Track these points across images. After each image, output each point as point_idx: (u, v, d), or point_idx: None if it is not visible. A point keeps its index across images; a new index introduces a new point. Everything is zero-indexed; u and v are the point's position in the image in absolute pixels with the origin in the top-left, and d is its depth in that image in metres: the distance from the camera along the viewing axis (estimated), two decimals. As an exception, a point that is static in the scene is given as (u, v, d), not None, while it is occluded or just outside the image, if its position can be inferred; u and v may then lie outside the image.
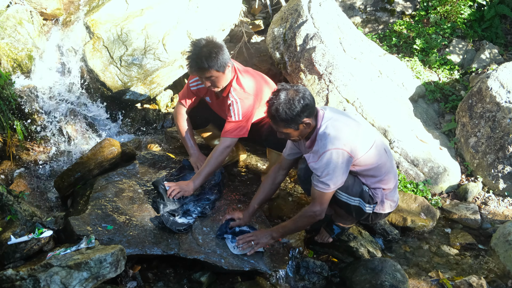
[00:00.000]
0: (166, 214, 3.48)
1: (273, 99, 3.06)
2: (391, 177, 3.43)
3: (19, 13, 4.61)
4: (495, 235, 3.89)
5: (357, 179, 3.36)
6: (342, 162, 3.08)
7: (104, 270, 2.77)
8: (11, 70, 4.44)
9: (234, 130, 3.67)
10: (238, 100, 3.64)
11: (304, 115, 3.04)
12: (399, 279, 3.35)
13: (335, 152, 3.05)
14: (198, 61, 3.45)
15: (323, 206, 3.19)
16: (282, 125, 3.10)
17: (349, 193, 3.32)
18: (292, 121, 3.05)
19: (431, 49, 5.85)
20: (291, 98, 3.01)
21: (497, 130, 4.61)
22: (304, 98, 3.04)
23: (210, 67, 3.45)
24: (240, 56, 5.87)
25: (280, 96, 3.03)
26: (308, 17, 4.94)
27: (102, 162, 3.85)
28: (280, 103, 3.02)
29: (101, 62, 4.66)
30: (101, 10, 4.74)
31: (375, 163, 3.29)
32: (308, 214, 3.23)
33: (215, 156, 3.69)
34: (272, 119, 3.12)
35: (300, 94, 3.04)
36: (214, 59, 3.44)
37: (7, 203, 3.26)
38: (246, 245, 3.36)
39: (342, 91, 4.63)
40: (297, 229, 3.46)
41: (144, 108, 5.40)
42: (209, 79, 3.54)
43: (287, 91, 3.05)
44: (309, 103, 3.05)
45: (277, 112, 3.03)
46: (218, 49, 3.47)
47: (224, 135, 3.70)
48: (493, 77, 4.76)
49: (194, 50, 3.48)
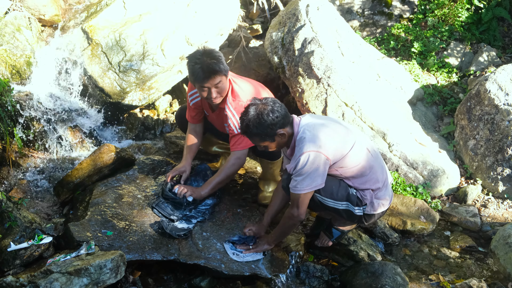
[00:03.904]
0: (166, 219, 3.48)
1: (243, 115, 3.10)
2: (378, 176, 3.40)
3: (17, 19, 4.62)
4: (495, 238, 3.89)
5: (343, 183, 3.35)
6: (317, 164, 3.08)
7: (104, 276, 2.77)
8: (9, 77, 4.45)
9: (241, 142, 3.64)
10: (234, 112, 3.59)
11: (277, 126, 3.07)
12: (400, 283, 3.35)
13: (311, 154, 3.06)
14: (205, 67, 3.35)
15: (301, 208, 3.20)
16: (257, 140, 3.15)
17: (334, 199, 3.31)
18: (265, 134, 3.08)
19: (429, 52, 5.86)
20: (259, 113, 3.04)
21: (496, 133, 4.62)
22: (273, 110, 3.06)
23: (220, 70, 3.39)
24: (238, 61, 5.88)
25: (250, 111, 3.07)
26: (306, 21, 4.95)
27: (101, 168, 3.85)
28: (250, 119, 3.05)
29: (100, 67, 4.66)
30: (99, 16, 4.75)
31: (358, 164, 3.28)
32: (287, 216, 3.28)
33: (226, 167, 3.68)
34: (246, 135, 3.16)
35: (269, 107, 3.06)
36: (220, 61, 3.40)
37: (7, 210, 3.26)
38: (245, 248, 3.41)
39: (341, 95, 4.63)
40: (284, 232, 3.47)
41: (143, 114, 5.41)
42: (218, 86, 3.45)
43: (256, 106, 3.08)
44: (279, 115, 3.07)
45: (248, 128, 3.07)
46: (218, 53, 3.44)
47: (232, 149, 3.68)
48: (491, 80, 4.77)
49: (197, 60, 3.39)
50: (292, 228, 3.42)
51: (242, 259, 3.36)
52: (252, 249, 3.42)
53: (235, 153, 3.68)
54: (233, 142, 3.67)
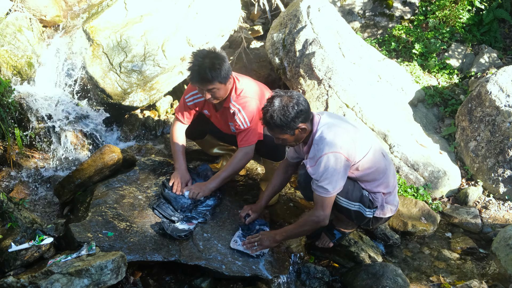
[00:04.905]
0: (167, 220, 3.48)
1: (267, 106, 3.09)
2: (390, 180, 3.44)
3: (18, 20, 4.62)
4: (496, 239, 3.88)
5: (357, 184, 3.36)
6: (340, 166, 3.09)
7: (105, 277, 2.77)
8: (11, 77, 4.45)
9: (248, 137, 3.65)
10: (240, 107, 3.59)
11: (299, 120, 3.07)
12: (400, 284, 3.35)
13: (332, 156, 3.06)
14: (201, 72, 3.36)
15: (326, 211, 3.19)
16: (278, 131, 3.13)
17: (349, 198, 3.32)
18: (287, 127, 3.08)
19: (430, 53, 5.86)
20: (285, 105, 3.05)
21: (497, 134, 4.62)
22: (298, 103, 3.07)
23: (213, 79, 3.38)
24: (239, 62, 5.88)
25: (274, 103, 3.07)
26: (307, 22, 4.95)
27: (102, 169, 3.85)
28: (275, 110, 3.05)
29: (101, 68, 4.66)
30: (100, 17, 4.75)
31: (373, 167, 3.30)
32: (311, 219, 3.24)
33: (234, 162, 3.69)
34: (267, 125, 3.15)
35: (294, 100, 3.07)
36: (218, 70, 3.37)
37: (8, 211, 3.26)
38: (250, 245, 3.39)
39: (342, 96, 4.63)
40: (301, 234, 3.47)
41: (143, 115, 5.41)
42: (210, 91, 3.46)
43: (281, 98, 3.08)
44: (303, 109, 3.08)
45: (272, 119, 3.06)
46: (221, 60, 3.40)
47: (240, 145, 3.68)
48: (492, 81, 4.77)
49: (196, 61, 3.39)
50: (310, 231, 3.39)
51: (243, 249, 3.40)
52: (257, 248, 3.39)
53: (243, 149, 3.68)
54: (241, 138, 3.67)
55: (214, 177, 3.76)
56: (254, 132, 3.65)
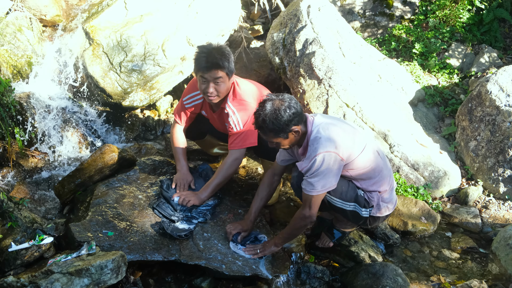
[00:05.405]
0: (167, 220, 3.48)
1: (259, 110, 3.08)
2: (386, 179, 3.43)
3: (18, 20, 4.63)
4: (496, 239, 3.89)
5: (352, 184, 3.36)
6: (332, 165, 3.09)
7: (105, 277, 2.77)
8: (11, 77, 4.45)
9: (239, 141, 3.64)
10: (235, 110, 3.59)
11: (292, 123, 3.06)
12: (400, 284, 3.35)
13: (327, 155, 3.06)
14: (210, 58, 3.35)
15: (313, 209, 3.19)
16: (271, 135, 3.12)
17: (343, 199, 3.32)
18: (281, 130, 3.06)
19: (430, 53, 5.86)
20: (276, 108, 3.03)
21: (497, 134, 4.62)
22: (290, 106, 3.05)
23: (223, 66, 3.38)
24: (239, 62, 5.88)
25: (266, 107, 3.05)
26: (307, 22, 4.95)
27: (102, 168, 3.85)
28: (267, 114, 3.03)
29: (101, 68, 4.66)
30: (100, 17, 4.75)
31: (368, 166, 3.30)
32: (298, 217, 3.25)
33: (224, 169, 3.68)
34: (260, 130, 3.13)
35: (286, 103, 3.05)
36: (227, 59, 3.38)
37: (8, 210, 3.26)
38: (252, 252, 3.40)
39: (342, 96, 4.63)
40: (293, 233, 3.44)
41: (143, 114, 5.41)
42: (216, 81, 3.44)
43: (272, 101, 3.06)
44: (295, 111, 3.06)
45: (265, 123, 3.05)
46: (229, 51, 3.43)
47: (230, 148, 3.68)
48: (492, 81, 4.77)
49: (204, 49, 3.39)
50: (302, 230, 3.38)
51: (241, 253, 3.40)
52: (259, 253, 3.40)
53: (233, 154, 3.67)
54: (232, 140, 3.66)
55: (205, 187, 3.73)
56: (246, 136, 3.64)
